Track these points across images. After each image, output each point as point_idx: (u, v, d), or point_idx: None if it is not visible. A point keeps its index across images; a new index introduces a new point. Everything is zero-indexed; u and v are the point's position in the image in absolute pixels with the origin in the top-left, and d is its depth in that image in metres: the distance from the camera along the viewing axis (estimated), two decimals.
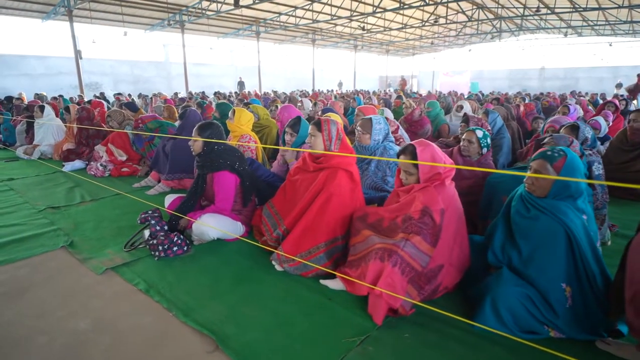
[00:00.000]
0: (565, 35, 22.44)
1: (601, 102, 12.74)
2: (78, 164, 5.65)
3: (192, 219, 2.83)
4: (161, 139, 4.71)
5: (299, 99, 9.34)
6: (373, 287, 1.98)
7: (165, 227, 2.90)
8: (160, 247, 2.70)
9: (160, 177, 4.60)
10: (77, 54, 16.66)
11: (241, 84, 23.71)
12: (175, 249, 2.75)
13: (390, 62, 38.00)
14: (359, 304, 2.17)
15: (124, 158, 5.32)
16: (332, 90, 23.70)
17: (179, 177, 4.45)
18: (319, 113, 5.80)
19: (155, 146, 5.10)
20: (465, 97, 14.20)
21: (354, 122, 5.11)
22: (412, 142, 2.22)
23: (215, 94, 16.80)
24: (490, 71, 33.45)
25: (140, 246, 2.86)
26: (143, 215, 2.96)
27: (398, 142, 4.15)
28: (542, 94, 17.02)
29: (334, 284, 2.32)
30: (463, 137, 3.38)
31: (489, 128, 4.15)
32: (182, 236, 2.81)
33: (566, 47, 30.10)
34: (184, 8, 18.66)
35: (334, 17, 20.49)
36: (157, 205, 3.53)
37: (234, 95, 17.57)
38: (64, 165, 5.63)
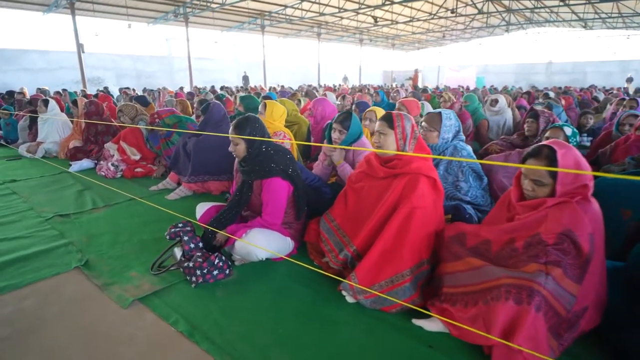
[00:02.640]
0: (585, 26, 21.66)
1: (627, 97, 12.21)
2: (86, 163, 5.13)
3: (235, 237, 2.30)
4: (181, 136, 4.19)
5: (318, 92, 8.80)
6: (510, 344, 1.45)
7: (200, 245, 2.40)
8: (198, 272, 2.18)
9: (180, 179, 4.09)
10: (80, 47, 16.11)
11: (246, 79, 23.13)
12: (215, 273, 2.23)
13: (394, 57, 37.33)
14: (472, 355, 1.65)
15: (138, 157, 4.79)
16: (341, 85, 23.08)
17: (202, 179, 3.93)
18: (352, 107, 5.26)
19: (173, 144, 4.58)
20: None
21: None
22: (546, 143, 1.69)
23: (222, 88, 16.25)
24: (496, 65, 32.80)
25: (172, 268, 2.34)
26: (173, 230, 2.44)
27: None
28: (560, 88, 16.41)
29: (431, 325, 1.81)
30: (546, 135, 2.87)
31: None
32: (223, 257, 2.29)
33: (576, 40, 29.48)
34: (188, 0, 18.08)
35: (342, 10, 19.93)
36: (182, 212, 3.03)
37: (240, 90, 17.01)
38: (70, 165, 5.11)
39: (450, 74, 27.59)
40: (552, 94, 9.78)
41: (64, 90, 12.69)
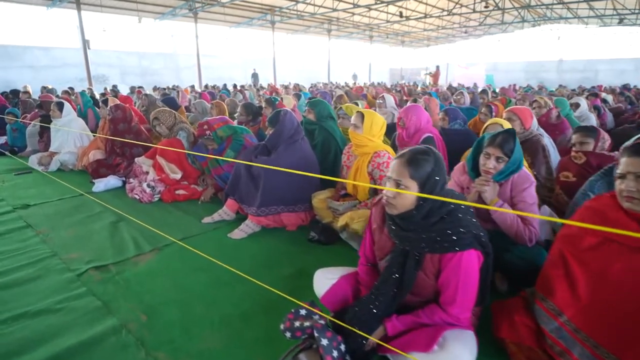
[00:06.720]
0: (621, 21, 20.75)
1: None
2: (113, 181, 4.23)
3: (416, 351, 1.39)
4: (242, 154, 3.28)
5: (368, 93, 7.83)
6: None
7: (343, 348, 1.51)
8: None
9: (244, 209, 3.18)
10: (85, 44, 15.18)
11: (255, 76, 22.22)
12: None
13: (403, 54, 36.44)
14: None
15: (179, 176, 3.89)
16: (355, 83, 22.15)
17: (275, 210, 3.03)
18: (441, 116, 4.36)
19: (225, 161, 3.68)
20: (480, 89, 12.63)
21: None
22: None
23: (234, 87, 15.34)
24: (504, 63, 31.96)
25: None
26: (297, 324, 1.55)
27: None
28: (593, 87, 15.53)
29: None
30: None
31: None
32: None
33: (590, 37, 28.66)
34: None
35: (355, 6, 19.05)
36: (265, 263, 2.17)
37: (260, 88, 16.07)
38: (93, 183, 4.23)
39: (459, 72, 26.78)
40: (609, 98, 8.84)
41: (70, 88, 11.74)
